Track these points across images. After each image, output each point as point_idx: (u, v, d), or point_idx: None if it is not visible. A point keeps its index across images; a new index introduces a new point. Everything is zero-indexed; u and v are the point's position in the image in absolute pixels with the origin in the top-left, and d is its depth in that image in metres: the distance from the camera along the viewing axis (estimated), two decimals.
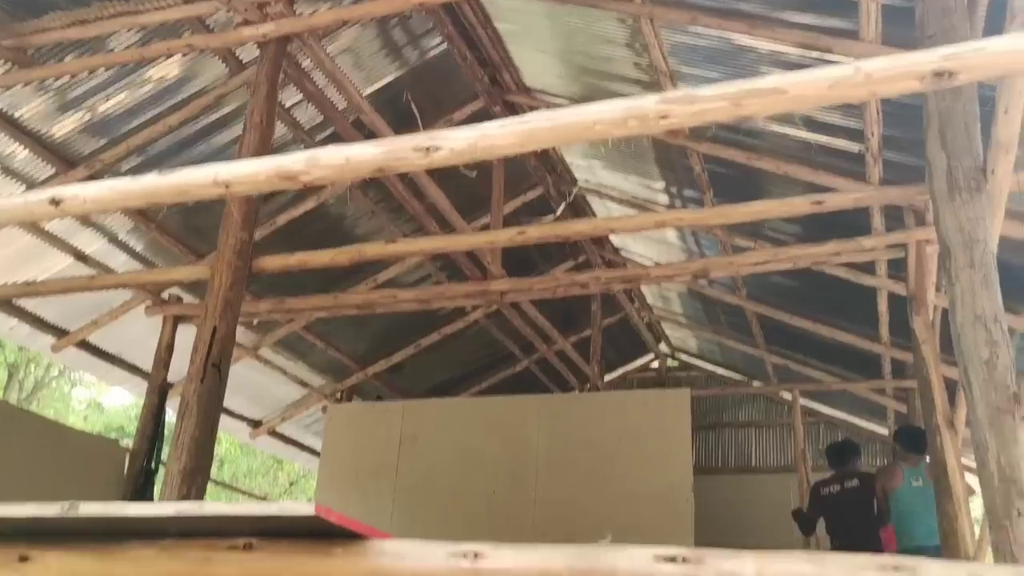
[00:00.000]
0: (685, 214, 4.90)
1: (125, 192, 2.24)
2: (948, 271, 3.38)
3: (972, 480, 5.57)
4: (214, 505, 1.64)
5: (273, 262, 4.84)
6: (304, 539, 1.75)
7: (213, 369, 4.26)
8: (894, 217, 5.95)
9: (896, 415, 9.37)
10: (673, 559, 1.52)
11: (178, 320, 7.19)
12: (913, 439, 6.55)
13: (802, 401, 9.69)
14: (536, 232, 4.35)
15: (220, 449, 18.21)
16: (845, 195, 4.03)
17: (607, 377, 11.25)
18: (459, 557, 1.64)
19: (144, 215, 6.73)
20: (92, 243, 6.85)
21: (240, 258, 4.51)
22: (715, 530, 9.27)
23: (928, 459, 6.47)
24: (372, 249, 4.94)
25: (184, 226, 7.11)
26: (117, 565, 1.87)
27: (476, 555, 1.63)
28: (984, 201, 3.41)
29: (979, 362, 3.18)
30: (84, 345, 7.68)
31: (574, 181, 8.31)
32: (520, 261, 7.75)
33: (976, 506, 5.58)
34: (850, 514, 6.46)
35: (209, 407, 4.25)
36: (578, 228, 4.85)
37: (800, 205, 4.10)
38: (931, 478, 6.09)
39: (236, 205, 4.45)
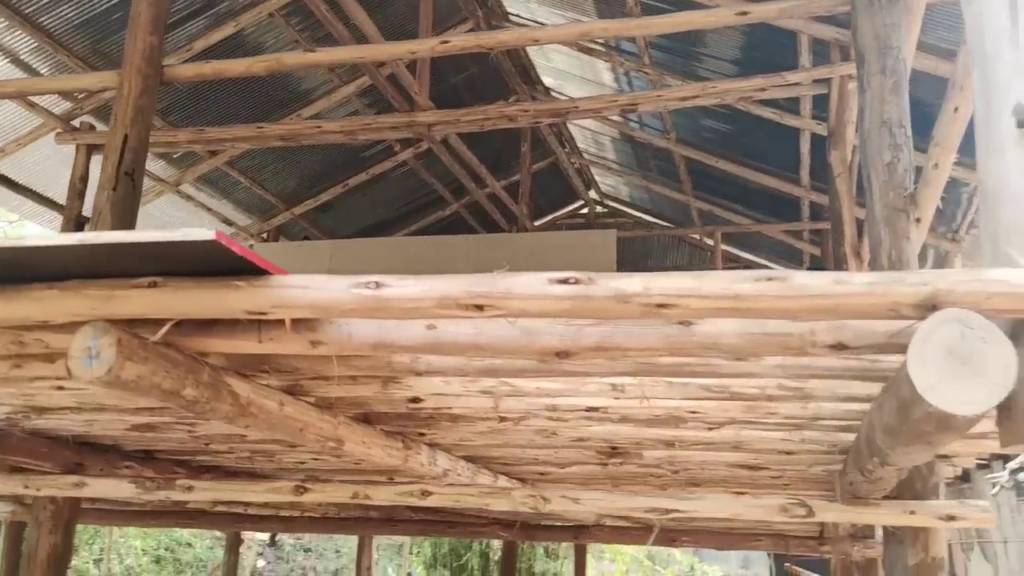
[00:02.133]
0: (610, 24, 4.82)
1: None
2: (861, 78, 3.45)
3: None
4: (114, 234, 1.63)
5: (186, 70, 4.63)
6: (208, 276, 1.77)
7: (126, 178, 4.13)
8: (820, 54, 6.01)
9: (811, 258, 9.75)
10: (565, 280, 1.59)
11: (91, 150, 7.00)
12: None
13: (723, 247, 9.99)
14: (460, 42, 4.25)
15: None
16: (771, 5, 4.01)
17: (536, 223, 11.34)
18: (361, 287, 1.68)
19: (50, 35, 6.36)
20: None
21: (150, 64, 4.30)
22: None
23: None
24: (291, 58, 4.76)
25: (92, 50, 6.77)
26: (19, 306, 1.87)
27: (378, 284, 1.68)
28: (902, 8, 3.44)
29: (881, 165, 3.31)
30: None
31: (505, 15, 8.07)
32: (450, 100, 7.59)
33: None
34: None
35: (123, 216, 4.14)
36: (502, 38, 4.74)
37: (725, 16, 4.07)
38: None
39: (144, 5, 4.20)
